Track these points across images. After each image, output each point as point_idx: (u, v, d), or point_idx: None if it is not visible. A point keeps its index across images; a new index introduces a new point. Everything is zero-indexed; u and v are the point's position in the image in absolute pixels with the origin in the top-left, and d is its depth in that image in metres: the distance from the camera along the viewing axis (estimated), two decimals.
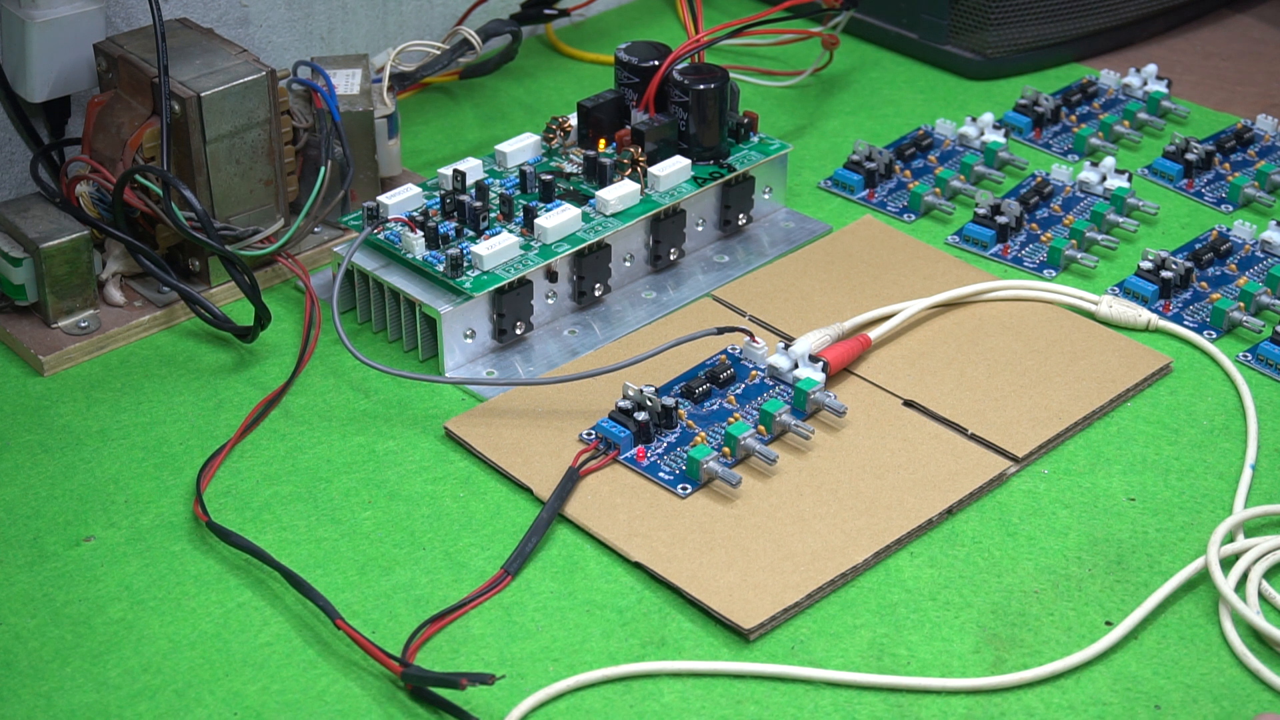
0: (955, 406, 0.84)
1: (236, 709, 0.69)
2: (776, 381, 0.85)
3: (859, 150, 1.04)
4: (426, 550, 0.77)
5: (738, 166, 0.96)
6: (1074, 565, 0.76)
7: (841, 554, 0.76)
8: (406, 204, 0.91)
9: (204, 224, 0.86)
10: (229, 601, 0.74)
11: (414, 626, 0.72)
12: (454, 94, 1.13)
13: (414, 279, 0.88)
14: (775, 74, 1.15)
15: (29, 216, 0.89)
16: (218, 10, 1.02)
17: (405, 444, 0.83)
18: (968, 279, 0.93)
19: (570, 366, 0.88)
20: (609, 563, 0.76)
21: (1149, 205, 0.99)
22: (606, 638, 0.72)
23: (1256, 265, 0.95)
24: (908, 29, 1.17)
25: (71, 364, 0.88)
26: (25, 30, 0.91)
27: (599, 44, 1.19)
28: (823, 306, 0.91)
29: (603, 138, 0.96)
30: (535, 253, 0.89)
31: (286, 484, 0.81)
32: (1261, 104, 1.12)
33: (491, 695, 0.69)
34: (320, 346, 0.89)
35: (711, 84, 0.94)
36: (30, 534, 0.78)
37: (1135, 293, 0.92)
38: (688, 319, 0.91)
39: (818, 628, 0.73)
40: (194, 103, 0.87)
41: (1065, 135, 1.08)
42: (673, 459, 0.81)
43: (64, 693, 0.70)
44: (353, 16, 1.09)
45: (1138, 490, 0.80)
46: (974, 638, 0.72)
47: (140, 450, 0.83)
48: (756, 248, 0.97)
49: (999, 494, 0.80)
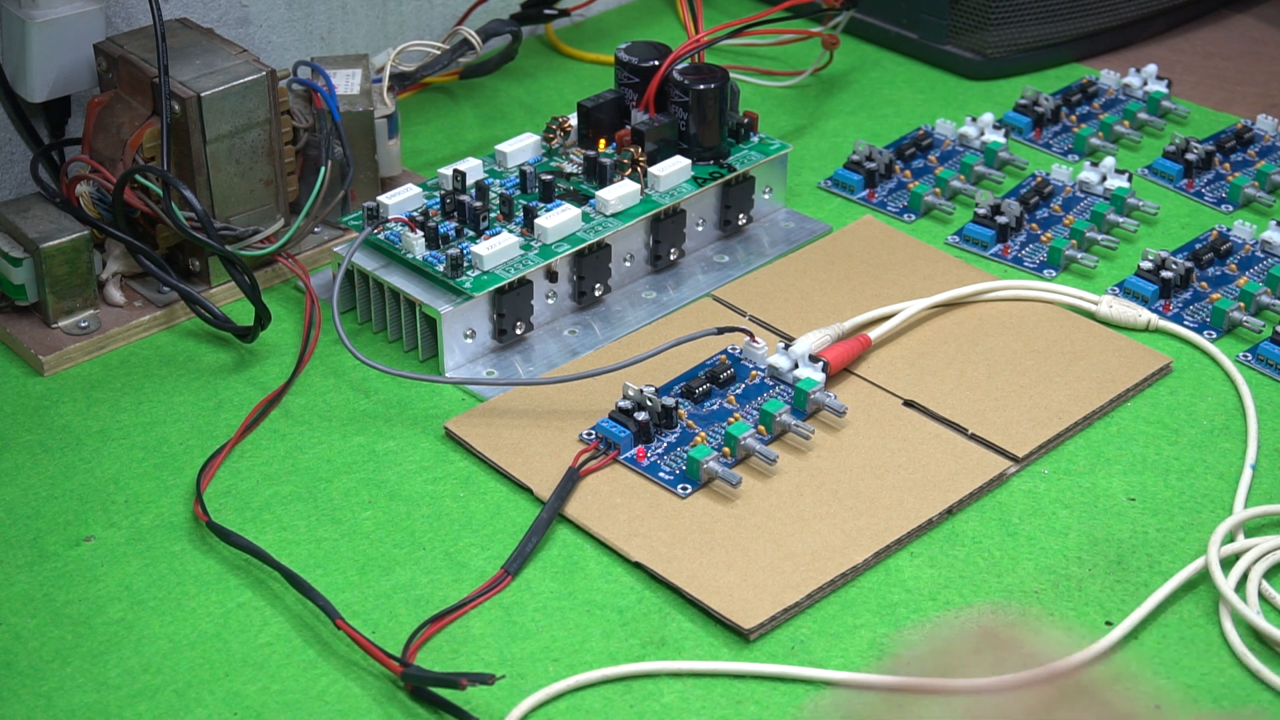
0: (955, 406, 0.84)
1: (236, 709, 0.69)
2: (776, 381, 0.85)
3: (859, 150, 1.04)
4: (426, 550, 0.77)
5: (738, 166, 0.96)
6: (1074, 565, 0.76)
7: (841, 554, 0.76)
8: (406, 204, 0.91)
9: (204, 224, 0.86)
10: (229, 601, 0.74)
11: (414, 626, 0.72)
12: (454, 94, 1.13)
13: (414, 279, 0.88)
14: (775, 74, 1.15)
15: (29, 216, 0.89)
16: (218, 10, 1.02)
17: (405, 444, 0.83)
18: (968, 279, 0.93)
19: (570, 366, 0.88)
20: (609, 563, 0.76)
21: (1149, 205, 0.99)
22: (606, 638, 0.72)
23: (1257, 265, 0.95)
24: (908, 29, 1.17)
25: (71, 364, 0.88)
26: (25, 30, 0.91)
27: (599, 44, 1.19)
28: (823, 306, 0.91)
29: (603, 138, 0.96)
30: (535, 253, 0.89)
31: (286, 484, 0.81)
32: (1261, 104, 1.12)
33: (491, 695, 0.69)
34: (320, 346, 0.89)
35: (711, 84, 0.94)
36: (30, 534, 0.78)
37: (1135, 293, 0.92)
38: (688, 319, 0.91)
39: (818, 628, 0.73)
40: (194, 103, 0.87)
41: (1065, 135, 1.08)
42: (673, 459, 0.81)
43: (64, 693, 0.70)
44: (353, 16, 1.09)
45: (1138, 490, 0.80)
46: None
47: (140, 450, 0.83)
48: (756, 248, 0.97)
49: (999, 494, 0.80)
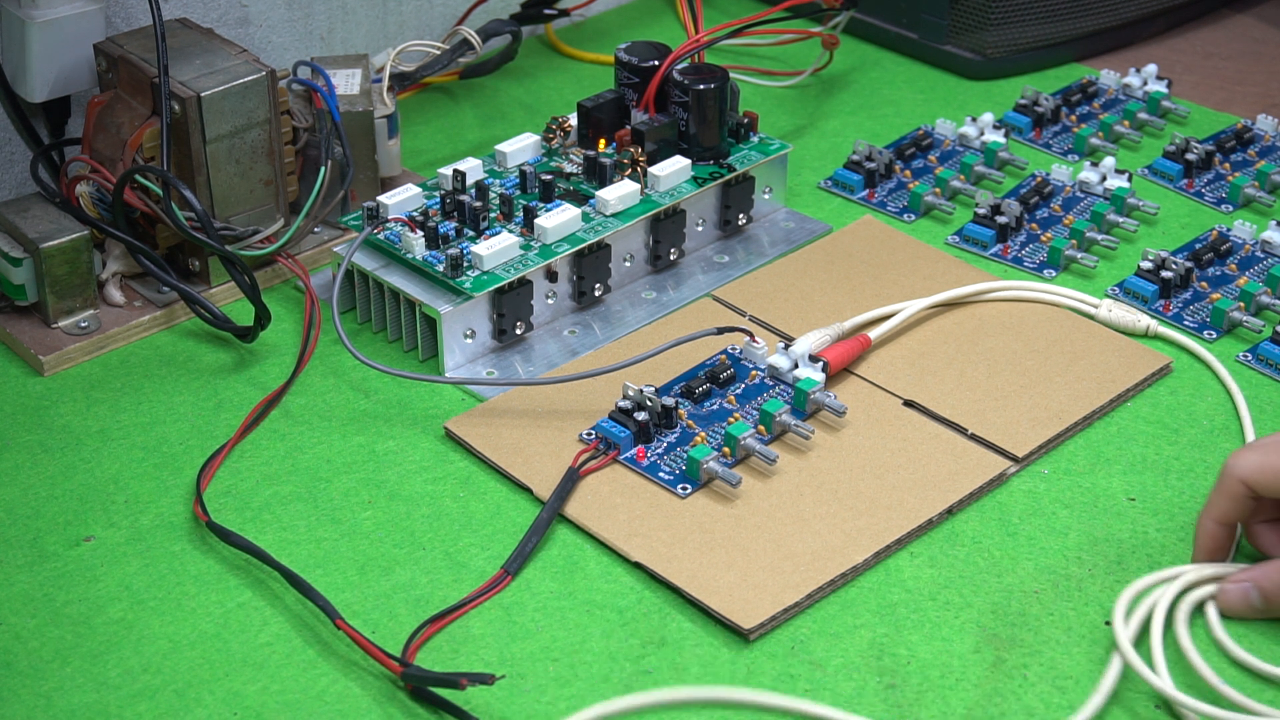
0: (955, 406, 0.84)
1: (236, 709, 0.69)
2: (776, 381, 0.85)
3: (859, 150, 1.04)
4: (426, 550, 0.77)
5: (738, 166, 0.96)
6: (1074, 565, 0.76)
7: (841, 554, 0.76)
8: (406, 204, 0.91)
9: (204, 224, 0.86)
10: (229, 601, 0.74)
11: (414, 626, 0.72)
12: (454, 94, 1.13)
13: (414, 279, 0.88)
14: (775, 74, 1.15)
15: (29, 216, 0.89)
16: (218, 10, 1.02)
17: (405, 444, 0.83)
18: (968, 279, 0.93)
19: (570, 366, 0.88)
20: (609, 563, 0.76)
21: (1149, 205, 0.99)
22: (606, 638, 0.72)
23: (1256, 265, 0.95)
24: (908, 29, 1.17)
25: (71, 364, 0.88)
26: (25, 30, 0.91)
27: (599, 44, 1.19)
28: (823, 306, 0.91)
29: (603, 138, 0.96)
30: (535, 253, 0.89)
31: (286, 484, 0.81)
32: (1261, 104, 1.12)
33: (491, 695, 0.69)
34: (320, 346, 0.89)
35: (711, 84, 0.94)
36: (30, 534, 0.78)
37: (1135, 293, 0.92)
38: (688, 319, 0.91)
39: (818, 628, 0.73)
40: (194, 103, 0.87)
41: (1065, 135, 1.08)
42: (673, 459, 0.81)
43: (64, 693, 0.70)
44: (353, 16, 1.09)
45: (1138, 490, 0.80)
46: (974, 638, 0.72)
47: (140, 450, 0.83)
48: (756, 248, 0.97)
49: (999, 494, 0.80)
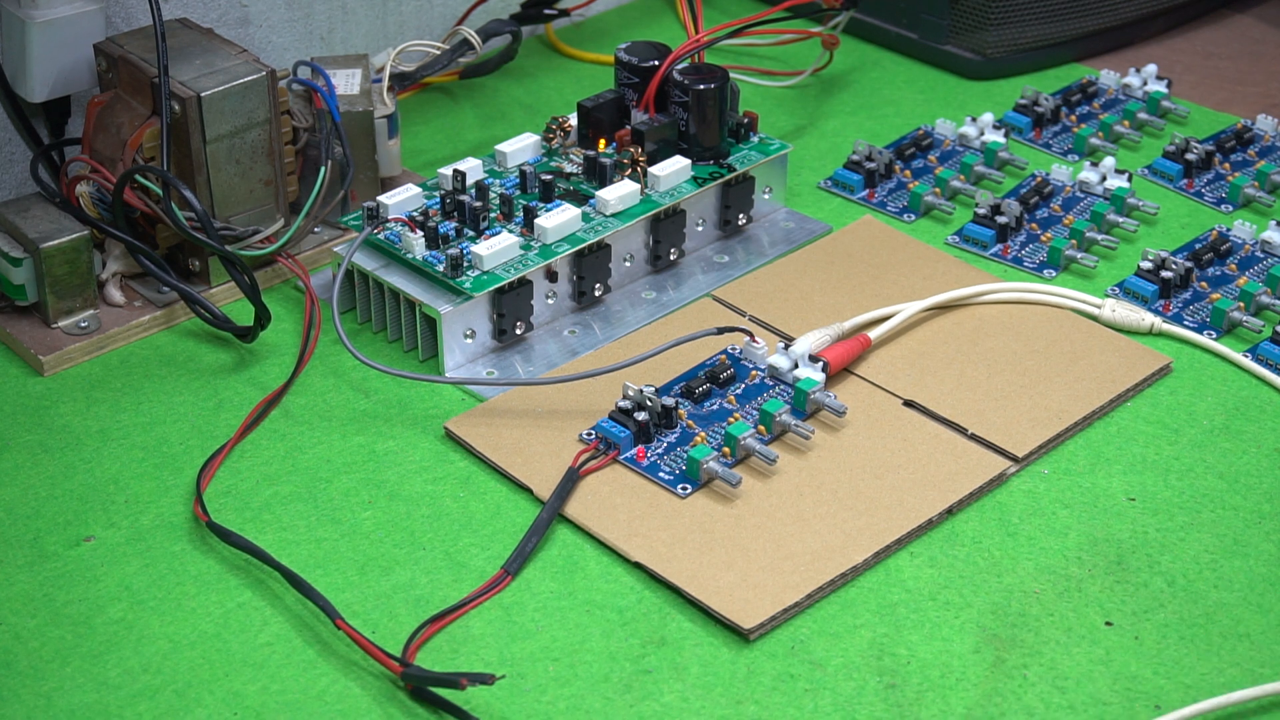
0: (955, 406, 0.84)
1: (236, 709, 0.69)
2: (776, 381, 0.85)
3: (859, 150, 1.04)
4: (426, 550, 0.77)
5: (738, 166, 0.96)
6: (1074, 565, 0.76)
7: (841, 554, 0.76)
8: (406, 204, 0.91)
9: (204, 224, 0.86)
10: (229, 601, 0.74)
11: (414, 626, 0.72)
12: (454, 94, 1.13)
13: (414, 279, 0.88)
14: (775, 74, 1.15)
15: (29, 216, 0.89)
16: (218, 10, 1.02)
17: (405, 444, 0.83)
18: (968, 279, 0.93)
19: (570, 366, 0.88)
20: (609, 563, 0.76)
21: (1149, 205, 0.99)
22: (606, 638, 0.72)
23: (1256, 265, 0.95)
24: (908, 29, 1.17)
25: (71, 364, 0.88)
26: (25, 30, 0.91)
27: (599, 44, 1.19)
28: (823, 306, 0.91)
29: (603, 138, 0.96)
30: (535, 253, 0.89)
31: (286, 484, 0.81)
32: (1261, 104, 1.12)
33: (491, 695, 0.69)
34: (320, 346, 0.89)
35: (711, 84, 0.94)
36: (30, 534, 0.78)
37: (1135, 293, 0.92)
38: (688, 319, 0.91)
39: (818, 628, 0.73)
40: (194, 103, 0.87)
41: (1065, 135, 1.08)
42: (673, 459, 0.81)
43: (64, 693, 0.70)
44: (353, 16, 1.09)
45: (1138, 490, 0.80)
46: (974, 638, 0.72)
47: (140, 450, 0.83)
48: (756, 248, 0.97)
49: (999, 494, 0.80)
